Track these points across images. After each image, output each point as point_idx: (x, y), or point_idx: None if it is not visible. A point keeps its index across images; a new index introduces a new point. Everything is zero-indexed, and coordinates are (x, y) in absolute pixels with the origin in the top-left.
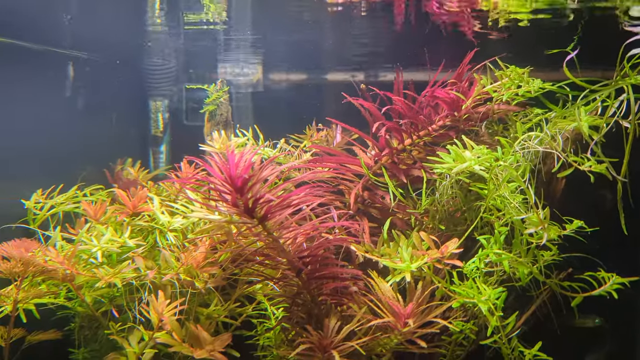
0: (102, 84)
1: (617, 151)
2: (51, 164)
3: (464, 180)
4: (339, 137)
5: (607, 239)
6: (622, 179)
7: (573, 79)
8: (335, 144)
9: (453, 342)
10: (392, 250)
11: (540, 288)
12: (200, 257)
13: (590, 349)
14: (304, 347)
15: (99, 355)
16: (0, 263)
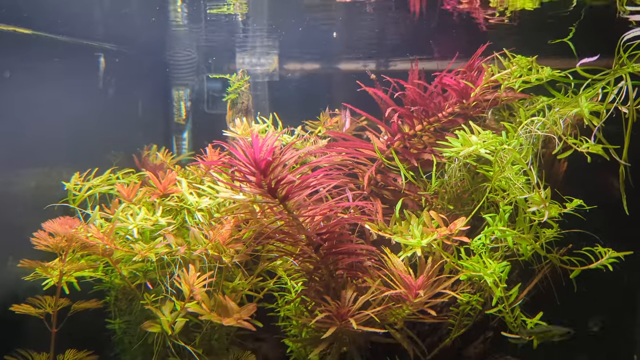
0: (129, 74)
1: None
2: (85, 150)
3: (472, 163)
4: (348, 123)
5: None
6: (623, 163)
7: (576, 67)
8: (346, 129)
9: (460, 313)
10: (404, 228)
11: (542, 263)
12: (226, 235)
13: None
14: (323, 315)
15: (133, 325)
16: (47, 238)
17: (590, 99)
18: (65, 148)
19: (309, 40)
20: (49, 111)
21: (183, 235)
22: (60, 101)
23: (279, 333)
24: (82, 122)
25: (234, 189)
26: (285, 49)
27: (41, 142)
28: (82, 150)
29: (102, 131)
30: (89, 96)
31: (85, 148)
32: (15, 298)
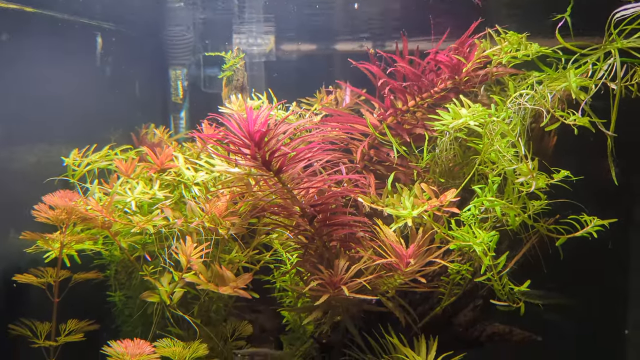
0: (126, 54)
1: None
2: (83, 128)
3: (462, 137)
4: (348, 99)
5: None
6: (610, 134)
7: (564, 43)
8: (345, 105)
9: (451, 282)
10: (396, 200)
11: (531, 235)
12: (223, 207)
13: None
14: (317, 283)
15: (133, 297)
16: (48, 211)
17: (581, 74)
18: (64, 126)
19: (306, 21)
20: (47, 89)
21: (180, 209)
22: (59, 79)
23: (275, 304)
24: (81, 101)
25: (229, 162)
26: (282, 29)
27: (41, 120)
28: (80, 128)
29: (100, 110)
30: (87, 75)
31: (84, 126)
32: (17, 270)
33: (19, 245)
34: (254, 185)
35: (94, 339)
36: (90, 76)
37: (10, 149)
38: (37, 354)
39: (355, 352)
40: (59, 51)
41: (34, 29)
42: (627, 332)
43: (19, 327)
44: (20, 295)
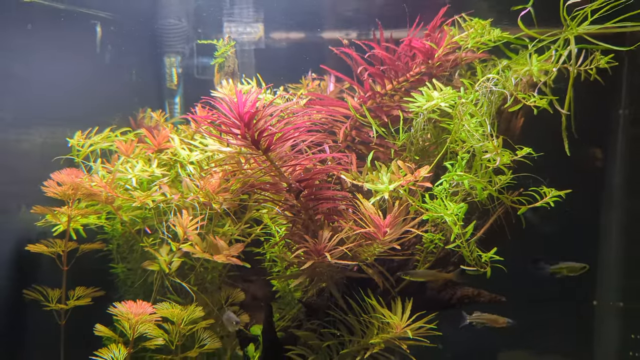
0: (124, 42)
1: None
2: (85, 112)
3: (436, 118)
4: (332, 86)
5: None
6: (564, 112)
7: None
8: (329, 91)
9: (425, 250)
10: (375, 176)
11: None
12: (216, 184)
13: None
14: (303, 250)
15: (134, 267)
16: (56, 187)
17: (545, 60)
18: (67, 110)
19: (294, 9)
20: (52, 76)
21: (177, 186)
22: (62, 67)
23: (265, 274)
24: (82, 87)
25: (221, 142)
26: (271, 18)
27: (46, 105)
28: (82, 113)
29: (100, 95)
30: (87, 63)
31: (85, 110)
32: (29, 242)
33: (29, 220)
34: (245, 163)
35: (98, 308)
36: (90, 64)
37: (18, 131)
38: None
39: (339, 313)
40: (61, 40)
41: (38, 19)
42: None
43: (32, 292)
44: (33, 264)
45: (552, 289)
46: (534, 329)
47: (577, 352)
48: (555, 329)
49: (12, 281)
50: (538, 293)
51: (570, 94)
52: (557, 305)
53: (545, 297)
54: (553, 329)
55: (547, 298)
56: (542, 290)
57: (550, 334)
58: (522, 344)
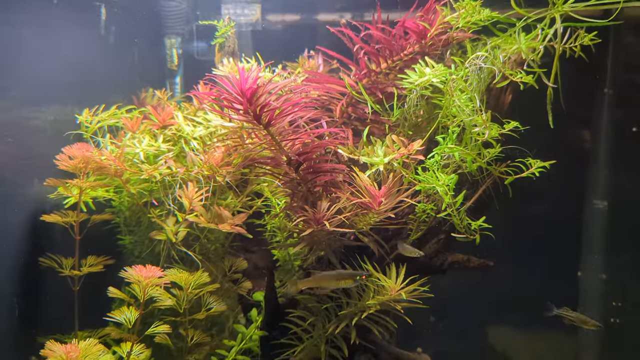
0: (126, 24)
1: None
2: (91, 92)
3: (428, 94)
4: (322, 67)
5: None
6: (551, 85)
7: (516, 8)
8: (321, 70)
9: (417, 220)
10: (370, 150)
11: (486, 180)
12: (219, 158)
13: None
14: (302, 219)
15: (141, 239)
16: (67, 160)
17: (532, 39)
18: (74, 89)
19: None
20: (60, 57)
21: (181, 161)
22: (69, 48)
23: (266, 245)
24: (88, 67)
25: (223, 117)
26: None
27: (55, 84)
28: (88, 92)
29: (104, 76)
30: (93, 44)
31: (91, 90)
32: (42, 213)
33: (42, 193)
34: (246, 138)
35: (107, 278)
36: (95, 45)
37: (29, 109)
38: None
39: None
40: (67, 21)
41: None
42: (579, 274)
43: (47, 260)
44: (46, 235)
45: (538, 262)
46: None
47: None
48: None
49: (28, 250)
50: (525, 270)
51: (555, 69)
52: (543, 278)
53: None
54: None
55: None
56: (529, 267)
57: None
58: (509, 318)
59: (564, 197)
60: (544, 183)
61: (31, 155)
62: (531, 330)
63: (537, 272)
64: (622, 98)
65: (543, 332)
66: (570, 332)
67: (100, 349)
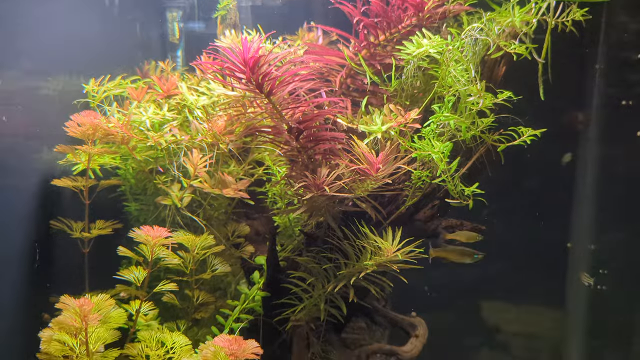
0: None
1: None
2: (95, 64)
3: (425, 65)
4: (321, 39)
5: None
6: (541, 60)
7: None
8: (321, 42)
9: (413, 187)
10: (368, 119)
11: (480, 148)
12: (222, 126)
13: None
14: (303, 185)
15: (146, 205)
16: (76, 127)
17: (526, 12)
18: (79, 61)
19: None
20: (66, 29)
21: (185, 130)
22: (74, 20)
23: (268, 212)
24: (92, 40)
25: (226, 86)
26: None
27: (61, 56)
28: (93, 64)
29: (108, 48)
30: (97, 17)
31: (95, 62)
32: (52, 179)
33: (52, 160)
34: (248, 107)
35: (113, 243)
36: (100, 17)
37: (37, 78)
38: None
39: (336, 240)
40: None
41: None
42: (569, 245)
43: (58, 223)
44: (56, 200)
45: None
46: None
47: (550, 289)
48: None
49: (40, 214)
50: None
51: (547, 43)
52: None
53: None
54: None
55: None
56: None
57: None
58: (501, 290)
59: (554, 170)
60: (535, 156)
61: (41, 123)
62: (521, 302)
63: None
64: (612, 72)
65: (533, 304)
66: (559, 303)
67: (111, 303)
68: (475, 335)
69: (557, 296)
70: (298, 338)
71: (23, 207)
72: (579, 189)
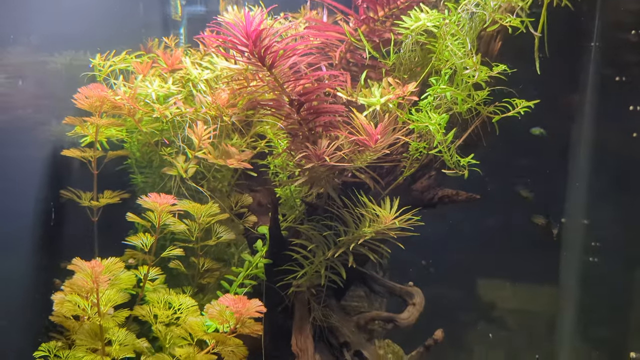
0: None
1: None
2: (99, 40)
3: (423, 40)
4: (325, 17)
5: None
6: (537, 34)
7: None
8: (323, 18)
9: (411, 158)
10: (367, 92)
11: (476, 121)
12: (225, 99)
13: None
14: (304, 155)
15: (152, 178)
16: (84, 99)
17: None
18: (85, 37)
19: None
20: (72, 5)
21: (189, 103)
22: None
23: (270, 184)
24: (97, 17)
25: (229, 59)
26: None
27: (67, 31)
28: (97, 40)
29: (112, 25)
30: None
31: (100, 38)
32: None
33: (61, 132)
34: (251, 80)
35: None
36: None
37: (46, 52)
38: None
39: (336, 209)
40: None
41: None
42: (563, 220)
43: (67, 192)
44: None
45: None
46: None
47: (545, 258)
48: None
49: (49, 184)
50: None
51: (543, 16)
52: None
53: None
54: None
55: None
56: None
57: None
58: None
59: (549, 148)
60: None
61: (48, 95)
62: (518, 279)
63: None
64: (608, 51)
65: (529, 281)
66: (553, 280)
67: (120, 266)
68: (471, 311)
69: (552, 273)
70: (300, 303)
71: (34, 176)
72: (572, 165)
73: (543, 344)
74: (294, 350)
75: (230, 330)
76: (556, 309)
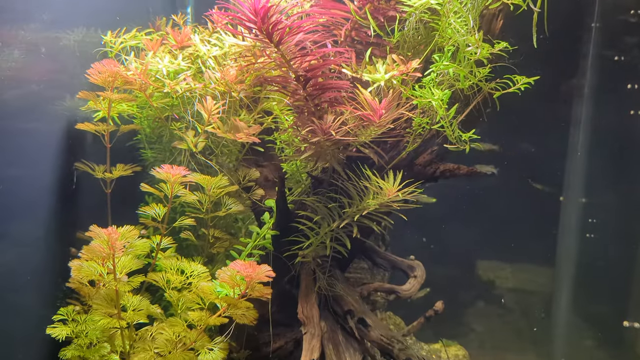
0: None
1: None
2: (108, 19)
3: (427, 18)
4: None
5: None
6: (536, 10)
7: None
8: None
9: (413, 133)
10: (372, 69)
11: (477, 97)
12: (234, 75)
13: None
14: (310, 130)
15: (162, 153)
16: (97, 74)
17: None
18: (94, 15)
19: None
20: None
21: (198, 80)
22: None
23: (276, 160)
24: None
25: (237, 36)
26: None
27: (77, 10)
28: (107, 17)
29: (122, 4)
30: None
31: (109, 16)
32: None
33: (74, 107)
34: (258, 56)
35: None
36: None
37: (58, 30)
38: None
39: (340, 183)
40: None
41: None
42: (561, 199)
43: (82, 165)
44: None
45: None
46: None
47: (543, 235)
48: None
49: (64, 157)
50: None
51: None
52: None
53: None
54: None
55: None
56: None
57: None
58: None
59: (547, 129)
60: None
61: (62, 70)
62: (516, 260)
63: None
64: (607, 31)
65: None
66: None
67: (135, 234)
68: (471, 290)
69: (550, 252)
70: (305, 273)
71: (49, 149)
72: (571, 145)
73: (540, 320)
74: (300, 318)
75: (241, 294)
76: (552, 287)
